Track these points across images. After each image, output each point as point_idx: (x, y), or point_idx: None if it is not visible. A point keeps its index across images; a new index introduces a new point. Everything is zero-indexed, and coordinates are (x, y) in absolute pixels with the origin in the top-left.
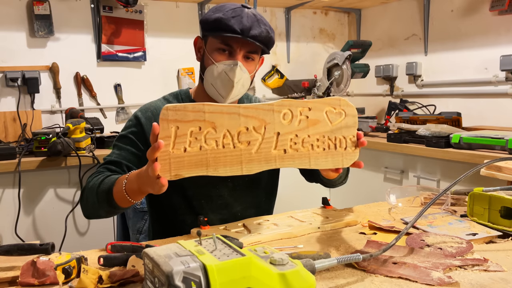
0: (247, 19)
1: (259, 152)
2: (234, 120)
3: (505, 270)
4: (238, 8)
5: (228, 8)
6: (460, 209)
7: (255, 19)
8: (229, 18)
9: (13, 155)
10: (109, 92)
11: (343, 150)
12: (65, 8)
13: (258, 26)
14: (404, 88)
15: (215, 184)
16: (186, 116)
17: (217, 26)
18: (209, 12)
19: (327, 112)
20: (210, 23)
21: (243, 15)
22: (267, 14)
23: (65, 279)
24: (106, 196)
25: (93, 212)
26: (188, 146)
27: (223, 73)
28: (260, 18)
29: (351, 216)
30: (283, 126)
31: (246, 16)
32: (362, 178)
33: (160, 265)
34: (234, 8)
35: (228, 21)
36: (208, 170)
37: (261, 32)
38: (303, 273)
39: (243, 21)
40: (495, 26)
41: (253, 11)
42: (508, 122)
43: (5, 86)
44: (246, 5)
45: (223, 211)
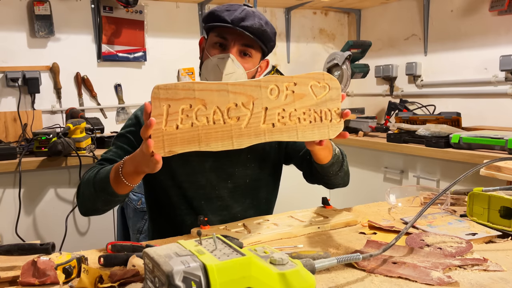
0: (240, 12)
1: (248, 127)
2: (223, 97)
3: (505, 270)
4: (236, 5)
5: (227, 5)
6: (460, 209)
7: (251, 13)
8: (223, 10)
9: (14, 155)
10: (109, 92)
11: (329, 122)
12: (66, 9)
13: (252, 18)
14: (404, 88)
15: (215, 185)
16: (176, 94)
17: (210, 18)
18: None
19: (311, 86)
20: (205, 17)
21: (239, 9)
22: (267, 14)
23: (65, 279)
24: (103, 184)
25: (90, 207)
26: (180, 123)
27: (215, 66)
28: (258, 14)
29: (351, 216)
30: (271, 101)
31: (241, 10)
32: (362, 178)
33: (160, 264)
34: (232, 4)
35: (221, 13)
36: (201, 145)
37: (254, 23)
38: (303, 273)
39: (236, 13)
40: (495, 26)
41: (253, 8)
42: (507, 122)
43: (5, 86)
44: (248, 4)
45: (223, 212)
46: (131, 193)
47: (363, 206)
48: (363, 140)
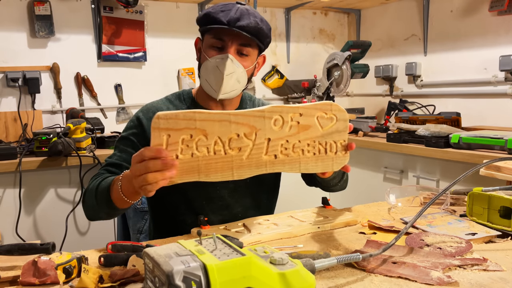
0: (235, 12)
1: (250, 158)
2: (225, 127)
3: (504, 269)
4: (230, 4)
5: (220, 4)
6: (460, 209)
7: (245, 12)
8: (218, 11)
9: (14, 155)
10: (109, 92)
11: (334, 154)
12: (66, 9)
13: (247, 17)
14: (403, 88)
15: (216, 184)
16: (177, 124)
17: (205, 20)
18: (206, 11)
19: (318, 118)
20: (200, 19)
21: (233, 8)
22: (267, 14)
23: (65, 279)
24: (104, 198)
25: (94, 215)
26: (179, 153)
27: (215, 67)
28: (252, 11)
29: (351, 216)
30: (274, 132)
31: (236, 9)
32: (362, 178)
33: (160, 264)
34: (226, 4)
35: (216, 14)
36: (200, 176)
37: (249, 22)
38: (303, 273)
39: (231, 13)
40: (495, 26)
41: (247, 6)
42: (507, 122)
43: (6, 86)
44: (241, 2)
45: (224, 212)
46: None
47: (363, 206)
48: (363, 140)
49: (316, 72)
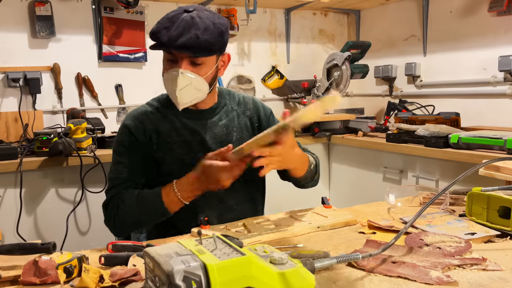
0: (176, 28)
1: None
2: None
3: (503, 269)
4: (175, 16)
5: (167, 17)
6: (459, 209)
7: (188, 25)
8: (161, 28)
9: (15, 155)
10: (110, 92)
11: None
12: (67, 9)
13: (187, 32)
14: (403, 89)
15: None
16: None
17: (152, 37)
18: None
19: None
20: (151, 36)
21: (176, 22)
22: (267, 15)
23: (66, 278)
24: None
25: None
26: None
27: (170, 81)
28: (197, 21)
29: (351, 215)
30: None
31: (178, 24)
32: (362, 178)
33: (160, 264)
34: (172, 16)
35: (159, 32)
36: None
37: (189, 37)
38: (303, 272)
39: (171, 30)
40: (494, 27)
41: (193, 14)
42: (506, 122)
43: (7, 86)
44: (188, 9)
45: (219, 205)
46: None
47: (362, 205)
48: (362, 140)
49: (316, 72)
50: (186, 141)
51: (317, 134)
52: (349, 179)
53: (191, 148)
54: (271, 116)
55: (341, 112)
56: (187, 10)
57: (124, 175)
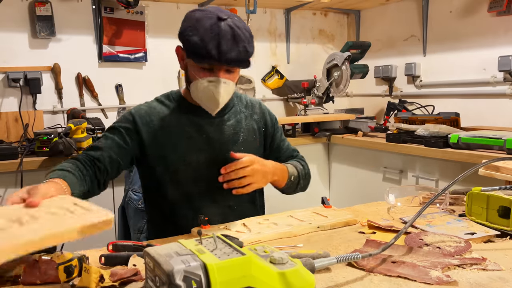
0: (225, 42)
1: None
2: None
3: (503, 269)
4: (214, 25)
5: (205, 27)
6: (459, 209)
7: (232, 39)
8: (207, 42)
9: (15, 155)
10: (110, 92)
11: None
12: (67, 9)
13: (235, 47)
14: (403, 89)
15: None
16: None
17: (196, 52)
18: (186, 28)
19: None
20: (189, 47)
21: (221, 34)
22: (267, 15)
23: (66, 278)
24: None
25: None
26: None
27: (207, 89)
28: (238, 33)
29: (350, 215)
30: None
31: (224, 37)
32: (361, 178)
33: (161, 264)
34: (211, 26)
35: (206, 45)
36: None
37: (239, 53)
38: (303, 272)
39: (221, 44)
40: (494, 27)
41: (230, 23)
42: (506, 122)
43: (7, 86)
44: (221, 16)
45: (220, 203)
46: (132, 193)
47: (362, 205)
48: (362, 140)
49: (315, 72)
50: (191, 138)
51: (317, 134)
52: (349, 179)
53: (195, 146)
54: (276, 124)
55: (341, 112)
56: (221, 18)
57: (100, 143)
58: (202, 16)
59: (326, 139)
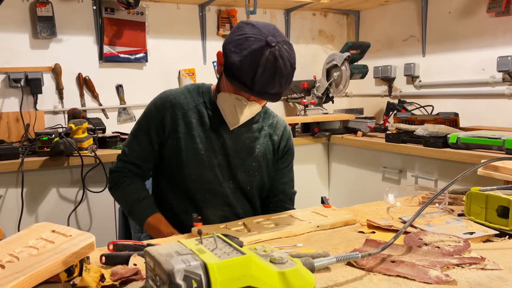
0: (264, 73)
1: None
2: None
3: (502, 268)
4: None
5: (250, 49)
6: (458, 208)
7: (271, 72)
8: (246, 68)
9: (16, 155)
10: (111, 92)
11: None
12: (68, 10)
13: (272, 81)
14: (402, 89)
15: (221, 182)
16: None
17: (232, 72)
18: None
19: None
20: (227, 63)
21: (262, 64)
22: (267, 15)
23: (67, 277)
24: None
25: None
26: None
27: (232, 105)
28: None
29: (350, 215)
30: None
31: (265, 67)
32: (361, 177)
33: (161, 263)
34: (255, 50)
35: (244, 70)
36: None
37: (272, 88)
38: (303, 272)
39: (258, 75)
40: (492, 27)
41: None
42: (505, 122)
43: (8, 86)
44: (271, 41)
45: (225, 208)
46: None
47: (362, 205)
48: (362, 140)
49: (315, 72)
50: (209, 139)
51: (317, 134)
52: (348, 179)
53: (212, 147)
54: (287, 154)
55: (340, 112)
56: (270, 44)
57: (135, 154)
58: (253, 34)
59: (326, 139)
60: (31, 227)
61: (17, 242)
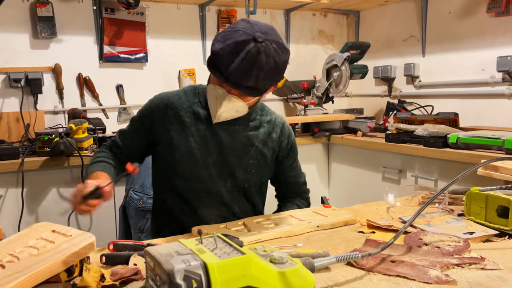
0: (242, 65)
1: None
2: None
3: (502, 268)
4: (243, 43)
5: (234, 41)
6: (458, 208)
7: (250, 64)
8: (225, 57)
9: (17, 155)
10: (111, 92)
11: None
12: (68, 10)
13: (250, 73)
14: (402, 89)
15: (216, 181)
16: None
17: (213, 59)
18: (222, 32)
19: None
20: (211, 51)
21: (243, 56)
22: (267, 16)
23: (67, 277)
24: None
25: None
26: None
27: (214, 97)
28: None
29: (350, 215)
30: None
31: (245, 59)
32: (361, 177)
33: (161, 263)
34: (240, 42)
35: (222, 59)
36: None
37: (248, 81)
38: (303, 271)
39: (235, 65)
40: (492, 27)
41: (261, 47)
42: (504, 122)
43: (8, 87)
44: (259, 37)
45: (221, 207)
46: (133, 193)
47: (361, 205)
48: (361, 140)
49: (315, 73)
50: (204, 137)
51: (317, 134)
52: (348, 179)
53: (206, 146)
54: (291, 150)
55: (340, 112)
56: (257, 39)
57: (121, 139)
58: (243, 28)
59: (326, 139)
60: (31, 227)
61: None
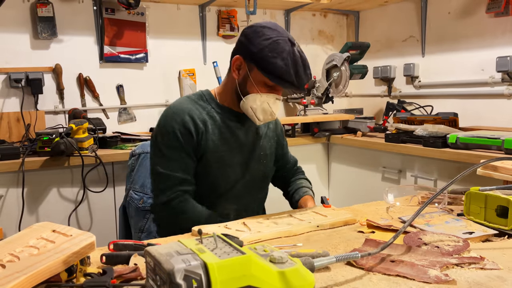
0: (300, 70)
1: None
2: None
3: (501, 268)
4: (290, 50)
5: (286, 51)
6: (457, 208)
7: (303, 66)
8: (290, 69)
9: (17, 155)
10: (111, 93)
11: None
12: (68, 10)
13: (305, 74)
14: (401, 89)
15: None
16: None
17: (281, 76)
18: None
19: None
20: (274, 69)
21: (296, 61)
22: (267, 16)
23: (68, 277)
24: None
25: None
26: None
27: (266, 104)
28: (305, 59)
29: (350, 215)
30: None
31: (299, 64)
32: (361, 177)
33: (161, 263)
34: (289, 51)
35: (290, 72)
36: None
37: (307, 80)
38: (302, 271)
39: (299, 72)
40: (492, 28)
41: (298, 48)
42: (504, 122)
43: (9, 87)
44: (291, 39)
45: (239, 201)
46: (133, 193)
47: (361, 205)
48: (361, 140)
49: (315, 73)
50: (226, 139)
51: (317, 134)
52: (348, 179)
53: (230, 147)
54: (283, 134)
55: (340, 112)
56: (292, 42)
57: (179, 173)
58: (276, 37)
59: (326, 139)
60: (31, 227)
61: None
